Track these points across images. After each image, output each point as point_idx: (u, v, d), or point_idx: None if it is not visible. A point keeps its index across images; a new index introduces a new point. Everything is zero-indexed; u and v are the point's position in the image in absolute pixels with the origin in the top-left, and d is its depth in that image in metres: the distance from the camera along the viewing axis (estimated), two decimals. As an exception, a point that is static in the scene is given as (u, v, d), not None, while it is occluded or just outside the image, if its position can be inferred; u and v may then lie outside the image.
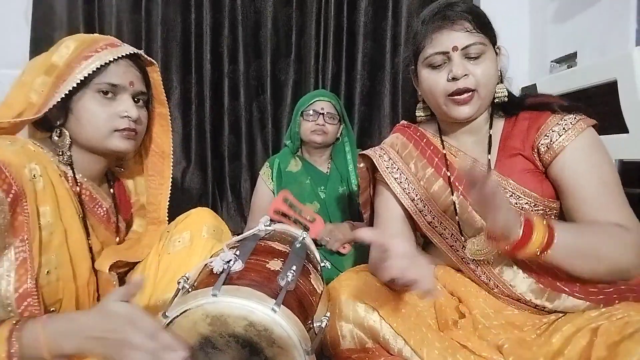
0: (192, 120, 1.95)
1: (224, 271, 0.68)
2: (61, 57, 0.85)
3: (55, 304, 0.80)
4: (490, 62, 0.89)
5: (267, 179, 1.70)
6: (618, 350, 0.63)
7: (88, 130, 0.86)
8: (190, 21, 1.91)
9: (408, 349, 0.78)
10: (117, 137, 0.87)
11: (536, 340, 0.77)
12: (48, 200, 0.79)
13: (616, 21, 1.36)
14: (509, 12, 1.86)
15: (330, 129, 1.63)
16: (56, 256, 0.79)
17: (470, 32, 0.87)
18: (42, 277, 0.77)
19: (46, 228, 0.78)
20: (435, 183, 0.97)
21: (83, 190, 0.90)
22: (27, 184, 0.75)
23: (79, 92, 0.84)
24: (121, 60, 0.87)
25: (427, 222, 0.95)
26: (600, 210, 0.81)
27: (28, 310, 0.73)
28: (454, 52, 0.87)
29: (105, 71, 0.85)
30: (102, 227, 0.94)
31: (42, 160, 0.82)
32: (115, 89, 0.87)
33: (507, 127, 0.94)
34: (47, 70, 0.85)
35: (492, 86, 0.90)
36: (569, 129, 0.85)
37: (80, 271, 0.84)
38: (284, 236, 0.86)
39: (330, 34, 1.93)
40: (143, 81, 0.93)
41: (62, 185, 0.84)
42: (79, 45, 0.86)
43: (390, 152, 1.03)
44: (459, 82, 0.86)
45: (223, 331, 0.65)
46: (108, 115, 0.86)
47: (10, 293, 0.72)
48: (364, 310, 0.83)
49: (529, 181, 0.88)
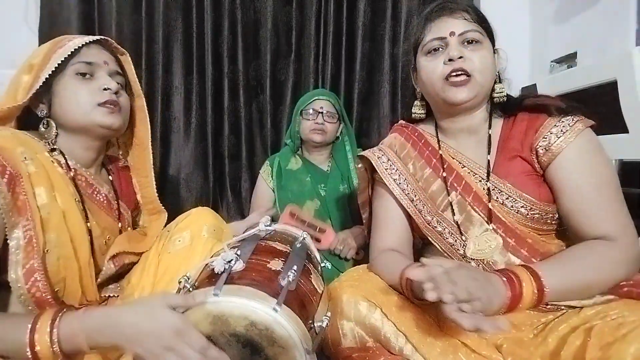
0: (193, 121, 1.95)
1: (225, 271, 0.68)
2: (37, 56, 0.90)
3: (59, 283, 0.81)
4: (487, 52, 0.91)
5: (267, 177, 1.71)
6: (611, 352, 0.64)
7: (72, 109, 0.89)
8: (191, 22, 1.91)
9: (409, 346, 0.78)
10: (101, 111, 0.90)
11: (533, 340, 0.78)
12: (42, 181, 0.81)
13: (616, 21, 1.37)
14: (509, 12, 1.86)
15: (329, 128, 1.64)
16: (56, 236, 0.80)
17: (468, 20, 0.90)
18: (45, 255, 0.78)
19: (43, 208, 0.79)
20: (433, 183, 0.97)
21: (78, 176, 0.92)
22: (20, 165, 0.78)
23: (58, 77, 0.89)
24: (92, 44, 0.94)
25: (426, 222, 0.96)
26: (592, 219, 0.82)
27: (35, 286, 0.75)
28: (451, 37, 0.90)
29: (79, 54, 0.91)
30: (102, 213, 0.96)
31: (33, 147, 0.85)
32: (91, 68, 0.91)
33: (505, 128, 0.94)
34: (27, 70, 0.90)
35: (488, 75, 0.91)
36: (567, 130, 0.85)
37: (81, 252, 0.86)
38: (284, 236, 0.86)
39: (329, 35, 1.93)
40: (117, 64, 0.98)
41: (55, 170, 0.86)
42: (51, 43, 0.92)
43: (388, 152, 1.03)
44: (454, 63, 0.88)
45: (224, 330, 0.65)
46: (89, 91, 0.90)
47: (19, 270, 0.74)
48: (366, 309, 0.83)
49: (527, 184, 0.88)
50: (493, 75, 0.93)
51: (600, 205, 0.82)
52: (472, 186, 0.93)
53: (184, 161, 1.92)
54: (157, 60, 1.88)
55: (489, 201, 0.90)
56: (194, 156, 1.94)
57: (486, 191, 0.91)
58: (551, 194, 0.87)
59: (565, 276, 0.78)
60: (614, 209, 0.82)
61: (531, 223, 0.88)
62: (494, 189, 0.90)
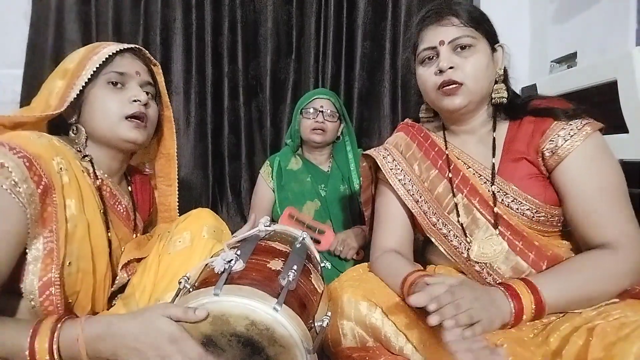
0: (193, 121, 1.94)
1: (225, 271, 0.68)
2: (72, 61, 0.91)
3: (72, 296, 0.81)
4: (481, 55, 0.90)
5: (267, 177, 1.70)
6: (614, 351, 0.63)
7: (99, 118, 0.90)
8: (191, 21, 1.91)
9: (410, 346, 0.78)
10: (127, 125, 0.90)
11: (534, 339, 0.77)
12: (73, 193, 0.81)
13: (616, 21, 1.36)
14: (509, 12, 1.86)
15: (329, 127, 1.63)
16: (78, 248, 0.81)
17: (458, 26, 0.89)
18: (64, 268, 0.78)
19: (71, 220, 0.79)
20: (439, 185, 0.97)
21: (103, 186, 0.93)
22: (55, 177, 0.78)
23: (90, 85, 0.89)
24: (126, 52, 0.94)
25: (431, 224, 0.95)
26: (596, 225, 0.81)
27: (49, 299, 0.74)
28: (441, 46, 0.89)
29: (112, 62, 0.91)
30: (121, 224, 0.97)
31: (66, 155, 0.85)
32: (123, 78, 0.92)
33: (511, 130, 0.93)
34: (62, 75, 0.90)
35: (483, 80, 0.90)
36: (575, 134, 0.84)
37: (100, 265, 0.86)
38: (284, 236, 0.86)
39: (330, 34, 1.93)
40: (149, 74, 0.98)
41: (84, 180, 0.86)
42: (87, 48, 0.93)
43: (394, 152, 1.03)
44: (444, 75, 0.88)
45: (225, 330, 0.65)
46: (118, 102, 0.90)
47: (34, 282, 0.73)
48: (366, 308, 0.83)
49: (533, 187, 0.87)
50: (489, 78, 0.92)
51: (604, 212, 0.81)
52: (477, 189, 0.92)
53: (183, 161, 1.92)
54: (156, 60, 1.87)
55: (495, 204, 0.89)
56: (193, 156, 1.94)
57: (492, 194, 0.90)
58: (557, 196, 0.87)
59: (565, 290, 0.77)
60: (619, 216, 0.81)
61: (537, 225, 0.87)
62: (499, 191, 0.90)
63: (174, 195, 1.14)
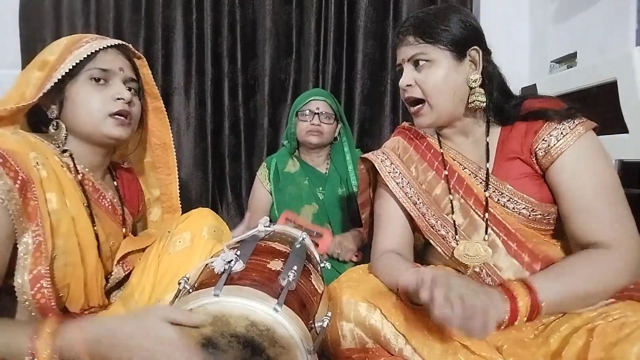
0: (193, 121, 1.94)
1: (225, 271, 0.68)
2: (52, 53, 0.88)
3: (63, 289, 0.82)
4: (439, 69, 0.89)
5: (264, 179, 1.68)
6: (614, 352, 0.63)
7: (83, 115, 0.88)
8: (191, 22, 1.91)
9: (409, 348, 0.78)
10: (111, 123, 0.89)
11: (534, 340, 0.77)
12: (53, 187, 0.81)
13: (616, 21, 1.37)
14: (509, 12, 1.86)
15: (326, 129, 1.60)
16: (64, 242, 0.81)
17: (413, 44, 0.91)
18: (52, 261, 0.78)
19: (54, 214, 0.79)
20: (436, 186, 0.97)
21: (85, 180, 0.92)
22: (32, 171, 0.77)
23: (72, 80, 0.87)
24: (109, 49, 0.92)
25: (430, 226, 0.95)
26: (590, 225, 0.81)
27: (41, 292, 0.75)
28: (404, 64, 0.93)
29: (95, 58, 0.89)
30: (107, 218, 0.96)
31: (43, 151, 0.84)
32: (106, 74, 0.90)
33: (504, 131, 0.93)
34: (40, 67, 0.88)
35: (446, 93, 0.90)
36: (567, 133, 0.84)
37: (89, 258, 0.86)
38: (283, 237, 0.86)
39: (330, 34, 1.93)
40: (132, 70, 0.97)
41: (64, 174, 0.86)
42: (69, 40, 0.91)
43: (391, 156, 1.03)
44: (404, 92, 0.94)
45: (225, 331, 0.65)
46: (101, 100, 0.88)
47: (25, 275, 0.74)
48: (366, 310, 0.83)
49: (527, 186, 0.88)
50: (455, 88, 0.90)
51: (598, 212, 0.81)
52: (473, 189, 0.93)
53: (183, 161, 1.92)
54: (156, 60, 1.88)
55: (488, 205, 0.90)
56: (193, 156, 1.94)
57: (487, 195, 0.91)
58: (552, 195, 0.87)
59: (562, 289, 0.77)
60: (613, 215, 0.81)
61: (533, 224, 0.87)
62: (494, 191, 0.90)
63: (174, 183, 1.14)
